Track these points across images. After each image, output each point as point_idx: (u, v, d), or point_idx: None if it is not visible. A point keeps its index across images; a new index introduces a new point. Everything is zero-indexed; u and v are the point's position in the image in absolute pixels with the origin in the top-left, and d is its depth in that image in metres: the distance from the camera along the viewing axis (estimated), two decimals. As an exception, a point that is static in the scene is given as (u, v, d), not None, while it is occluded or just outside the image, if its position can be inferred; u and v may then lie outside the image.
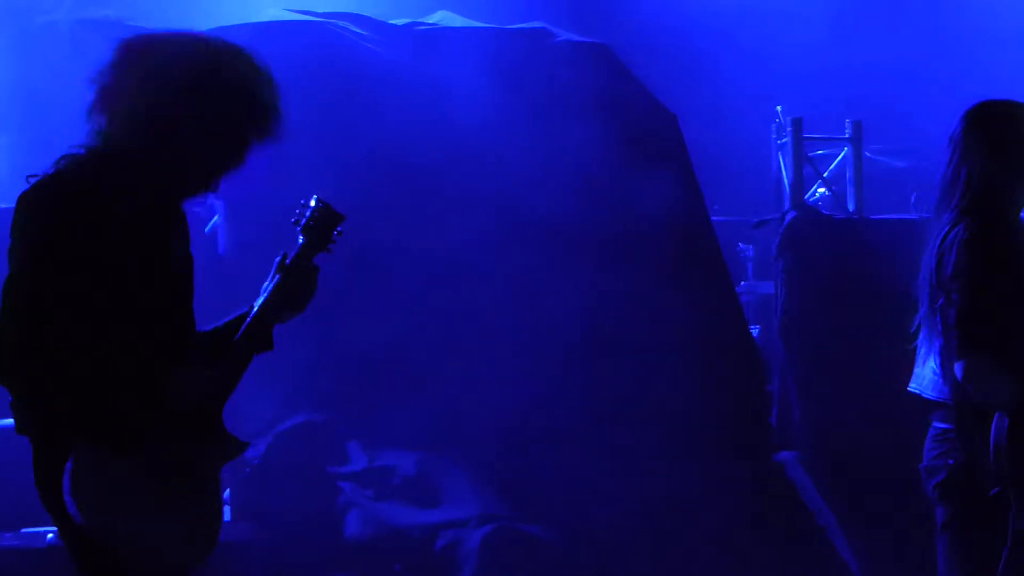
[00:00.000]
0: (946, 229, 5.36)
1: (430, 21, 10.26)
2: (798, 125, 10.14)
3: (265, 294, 4.36)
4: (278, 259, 4.39)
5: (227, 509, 8.54)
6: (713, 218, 10.00)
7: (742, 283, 10.88)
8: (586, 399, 9.05)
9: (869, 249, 9.68)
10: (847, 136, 10.24)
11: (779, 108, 10.47)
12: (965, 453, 5.14)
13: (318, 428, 9.01)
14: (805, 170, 10.19)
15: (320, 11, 10.00)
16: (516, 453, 8.93)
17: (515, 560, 8.45)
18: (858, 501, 9.19)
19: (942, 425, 5.25)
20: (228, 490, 8.55)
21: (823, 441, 9.44)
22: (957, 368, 5.13)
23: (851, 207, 10.16)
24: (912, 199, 11.00)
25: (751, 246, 11.06)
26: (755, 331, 10.22)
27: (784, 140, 10.24)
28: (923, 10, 12.26)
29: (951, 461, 5.18)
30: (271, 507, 8.55)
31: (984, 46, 12.08)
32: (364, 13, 10.14)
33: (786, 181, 10.16)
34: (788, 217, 9.83)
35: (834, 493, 9.24)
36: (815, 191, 10.59)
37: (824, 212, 10.16)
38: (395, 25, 10.15)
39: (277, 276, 4.38)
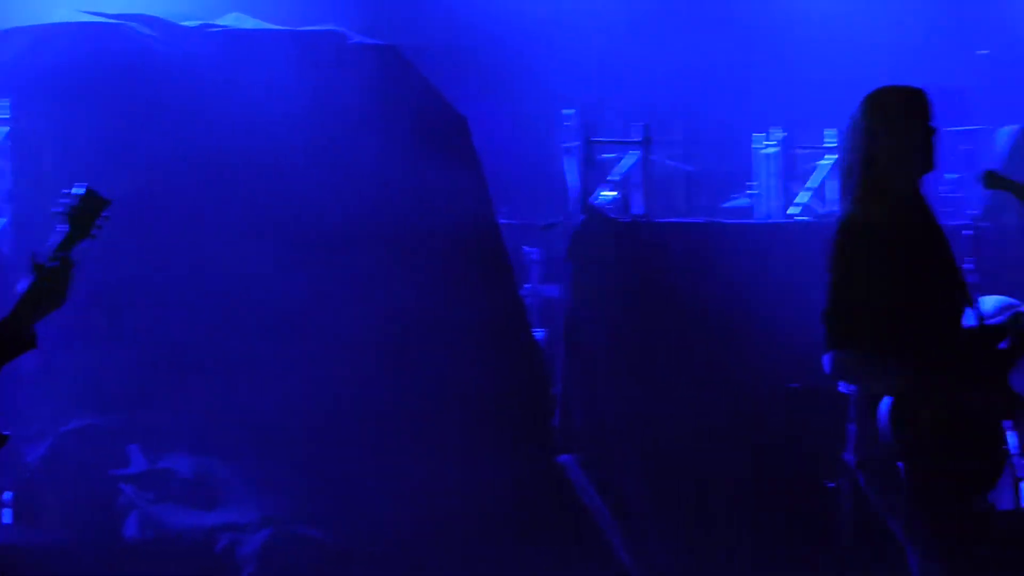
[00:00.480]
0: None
1: (222, 23, 10.16)
2: (587, 129, 10.22)
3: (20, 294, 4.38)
4: (29, 257, 4.41)
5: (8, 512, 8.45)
6: (500, 221, 10.03)
7: (527, 286, 10.92)
8: (370, 402, 9.08)
9: (656, 252, 9.79)
10: (635, 140, 10.34)
11: (568, 112, 10.54)
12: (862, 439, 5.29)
13: (100, 431, 8.88)
14: (593, 173, 10.27)
15: (111, 12, 9.84)
16: (299, 455, 8.93)
17: (295, 562, 8.46)
18: (640, 503, 9.30)
19: None
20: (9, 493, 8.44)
21: (606, 443, 9.50)
22: (824, 362, 5.26)
23: (638, 210, 10.25)
24: (699, 202, 11.20)
25: (537, 249, 11.11)
26: (540, 334, 10.26)
27: (573, 144, 10.32)
28: (713, 14, 12.44)
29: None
30: (52, 509, 8.43)
31: (773, 50, 12.31)
32: (155, 14, 10.00)
33: (574, 184, 10.24)
34: (576, 221, 9.89)
35: (615, 495, 9.31)
36: (602, 194, 10.65)
37: (611, 215, 10.21)
38: (187, 27, 10.03)
39: (32, 275, 4.40)
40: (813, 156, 10.95)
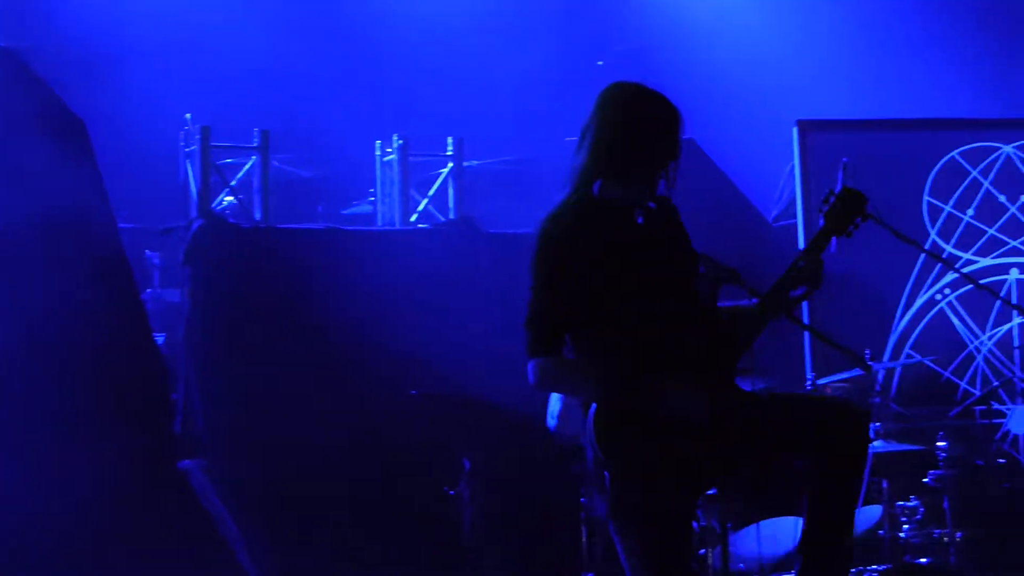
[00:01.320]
0: None
1: None
2: (206, 133, 10.21)
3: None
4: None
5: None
6: (120, 225, 9.89)
7: (148, 291, 10.82)
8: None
9: (275, 257, 9.87)
10: (255, 145, 10.38)
11: (188, 116, 10.49)
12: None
13: None
14: (213, 178, 10.25)
15: None
16: None
17: None
18: (261, 509, 9.39)
19: None
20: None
21: (228, 449, 9.53)
22: (528, 370, 5.27)
23: (258, 216, 10.30)
24: (319, 209, 11.28)
25: (158, 254, 11.01)
26: (161, 339, 10.19)
27: (192, 148, 10.29)
28: (334, 20, 12.51)
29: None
30: None
31: (392, 58, 12.47)
32: None
33: (194, 189, 10.21)
34: (195, 225, 9.86)
35: (239, 501, 9.36)
36: (223, 199, 10.65)
37: (231, 220, 10.21)
38: None
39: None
40: (433, 164, 11.17)
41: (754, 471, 7.13)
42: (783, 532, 8.10)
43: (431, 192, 11.03)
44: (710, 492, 7.79)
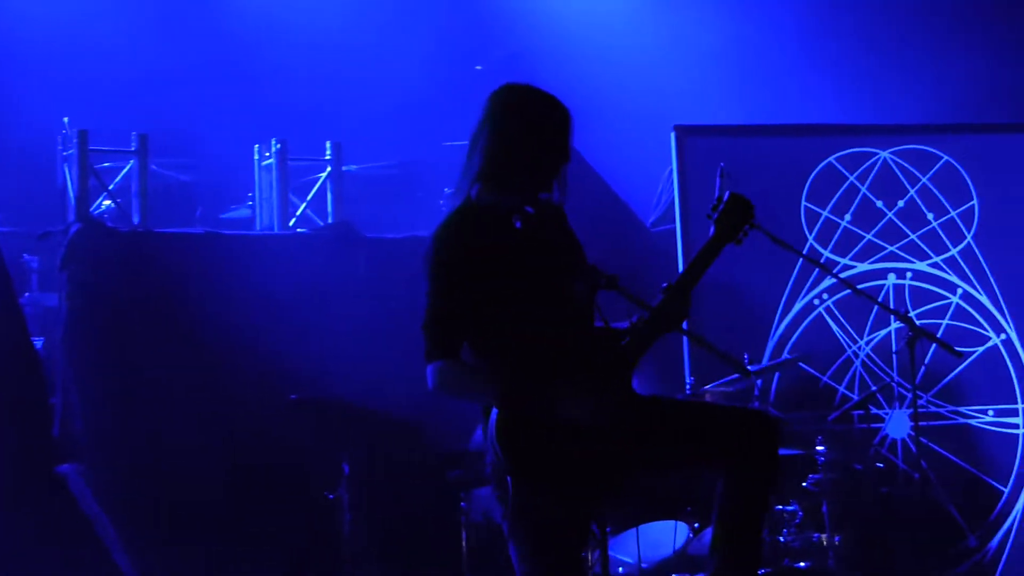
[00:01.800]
0: None
1: None
2: (84, 137, 10.11)
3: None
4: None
5: None
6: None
7: (26, 295, 10.70)
8: None
9: (154, 261, 9.80)
10: (133, 149, 10.30)
11: (66, 120, 10.40)
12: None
13: None
14: (91, 182, 10.16)
15: None
16: None
17: None
18: (142, 512, 9.30)
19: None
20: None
21: (106, 452, 9.45)
22: (427, 375, 5.33)
23: (136, 220, 10.22)
24: (197, 213, 11.19)
25: (36, 257, 10.90)
26: (39, 343, 10.09)
27: (70, 152, 10.19)
28: (211, 24, 12.45)
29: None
30: None
31: (270, 62, 12.43)
32: None
33: (72, 193, 10.12)
34: (72, 229, 9.78)
35: (116, 504, 9.27)
36: (101, 203, 10.56)
37: (109, 224, 10.13)
38: None
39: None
40: (312, 168, 11.15)
41: (654, 478, 7.20)
42: (663, 535, 8.16)
43: (309, 196, 11.02)
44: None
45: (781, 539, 8.41)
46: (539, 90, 5.58)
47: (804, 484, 8.64)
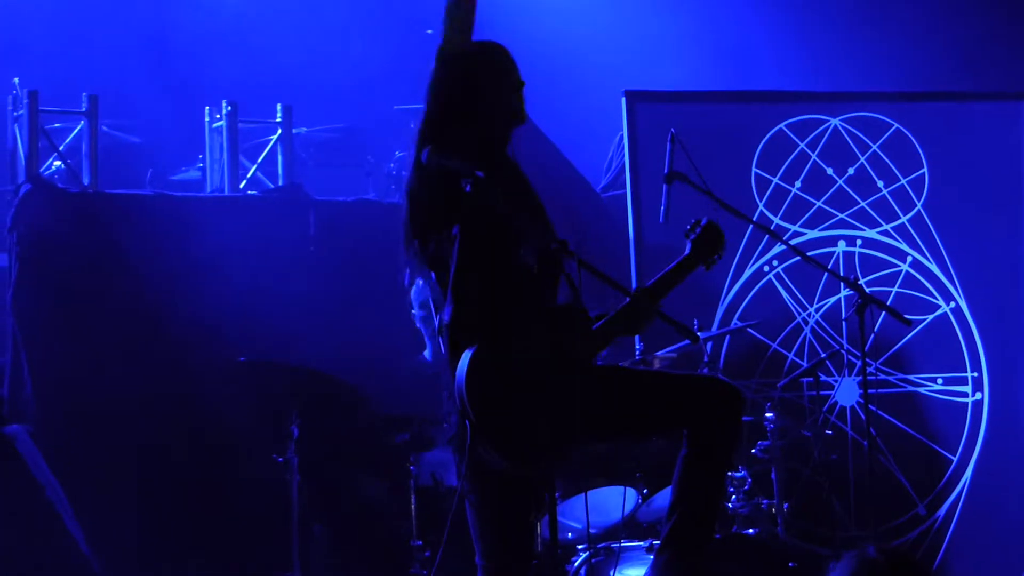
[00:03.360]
0: None
1: None
2: (34, 97, 10.04)
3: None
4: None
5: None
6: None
7: (-26, 256, 10.67)
8: None
9: (104, 222, 9.76)
10: (83, 110, 10.24)
11: (16, 80, 10.33)
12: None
13: None
14: (41, 143, 10.10)
15: None
16: None
17: None
18: (92, 474, 9.28)
19: None
20: None
21: (55, 414, 9.43)
22: None
23: (86, 181, 10.16)
24: (148, 175, 11.14)
25: (-15, 219, 10.85)
26: (-12, 305, 10.06)
27: (20, 112, 10.13)
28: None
29: None
30: None
31: (221, 22, 12.38)
32: None
33: (22, 154, 10.07)
34: (22, 190, 9.74)
35: (66, 466, 9.25)
36: (51, 164, 10.50)
37: (59, 185, 10.08)
38: None
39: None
40: (262, 131, 11.11)
41: (615, 444, 7.24)
42: (611, 501, 8.19)
43: (260, 159, 10.98)
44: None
45: (730, 506, 8.44)
46: (491, 47, 5.61)
47: (753, 451, 8.68)
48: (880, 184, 10.26)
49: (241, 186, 10.71)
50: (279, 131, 10.89)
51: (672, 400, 5.55)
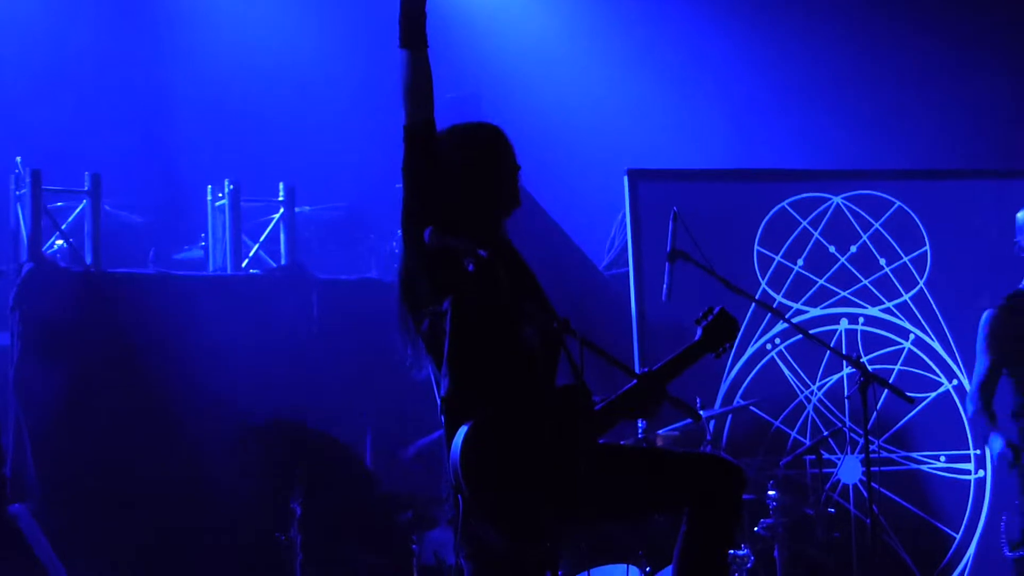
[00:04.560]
0: None
1: None
2: (37, 176, 10.07)
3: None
4: None
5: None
6: (-53, 269, 9.79)
7: (-31, 335, 10.67)
8: None
9: (106, 302, 9.79)
10: (86, 189, 10.27)
11: (18, 159, 10.35)
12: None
13: None
14: (43, 222, 10.12)
15: None
16: None
17: None
18: (94, 555, 9.24)
19: None
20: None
21: (58, 494, 9.40)
22: None
23: (89, 260, 10.18)
24: (151, 254, 11.15)
25: (-14, 299, 10.85)
26: (-10, 383, 10.05)
27: (23, 191, 10.15)
28: (163, 63, 12.48)
29: None
30: None
31: (222, 102, 12.44)
32: None
33: (24, 233, 10.08)
34: (25, 269, 9.76)
35: (67, 546, 9.20)
36: (53, 243, 10.52)
37: (62, 264, 10.11)
38: None
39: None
40: (265, 210, 11.16)
41: (615, 523, 7.19)
42: (613, 579, 8.15)
43: (262, 237, 11.02)
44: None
45: (733, 584, 8.41)
46: (489, 129, 5.61)
47: (756, 529, 8.65)
48: (882, 262, 10.27)
49: (244, 265, 10.74)
50: (281, 210, 10.94)
51: (672, 478, 5.51)
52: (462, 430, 5.18)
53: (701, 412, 8.22)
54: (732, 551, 8.47)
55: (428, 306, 5.34)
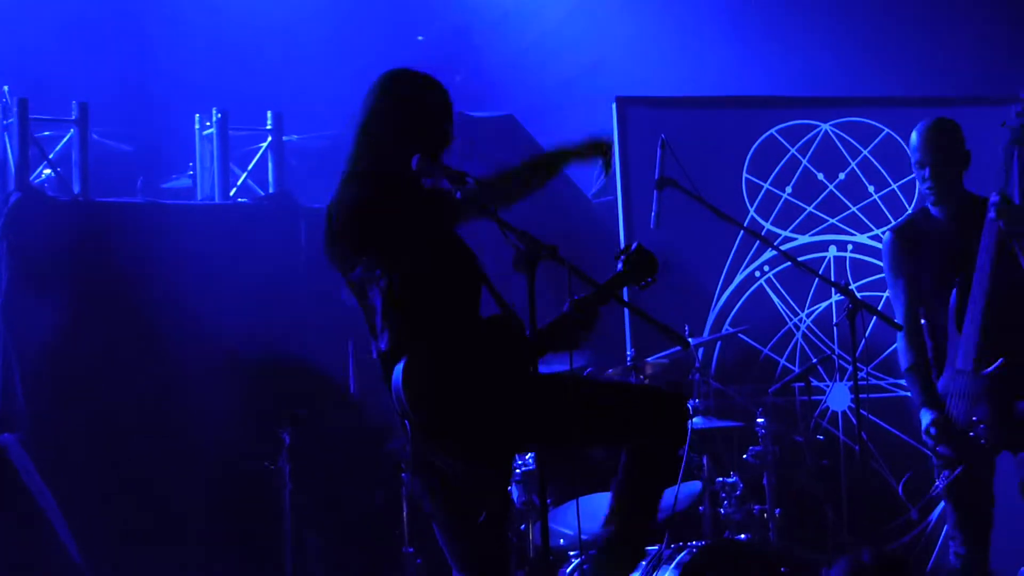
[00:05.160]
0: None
1: None
2: (24, 106, 10.03)
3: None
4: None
5: None
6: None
7: (-34, 264, 10.65)
8: None
9: (94, 231, 9.78)
10: (74, 118, 10.23)
11: (5, 88, 10.32)
12: None
13: None
14: (31, 151, 10.09)
15: None
16: None
17: None
18: (84, 481, 9.29)
19: None
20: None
21: (46, 423, 9.42)
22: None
23: (77, 189, 10.16)
24: (139, 183, 11.14)
25: (-24, 227, 10.83)
26: (-21, 312, 10.05)
27: (10, 121, 10.12)
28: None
29: None
30: None
31: (210, 30, 12.38)
32: None
33: (12, 162, 10.05)
34: (12, 198, 9.74)
35: (58, 474, 9.25)
36: (41, 172, 10.48)
37: (50, 193, 10.10)
38: None
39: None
40: (253, 138, 11.11)
41: (563, 452, 7.24)
42: (603, 508, 8.18)
43: (250, 166, 10.98)
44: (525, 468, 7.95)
45: (722, 511, 8.45)
46: (425, 75, 5.83)
47: (745, 456, 8.68)
48: (871, 189, 10.27)
49: (231, 194, 10.72)
50: (269, 138, 10.91)
51: (614, 407, 5.61)
52: (402, 360, 5.30)
53: (690, 339, 8.23)
54: (720, 478, 8.52)
55: (373, 245, 5.49)
